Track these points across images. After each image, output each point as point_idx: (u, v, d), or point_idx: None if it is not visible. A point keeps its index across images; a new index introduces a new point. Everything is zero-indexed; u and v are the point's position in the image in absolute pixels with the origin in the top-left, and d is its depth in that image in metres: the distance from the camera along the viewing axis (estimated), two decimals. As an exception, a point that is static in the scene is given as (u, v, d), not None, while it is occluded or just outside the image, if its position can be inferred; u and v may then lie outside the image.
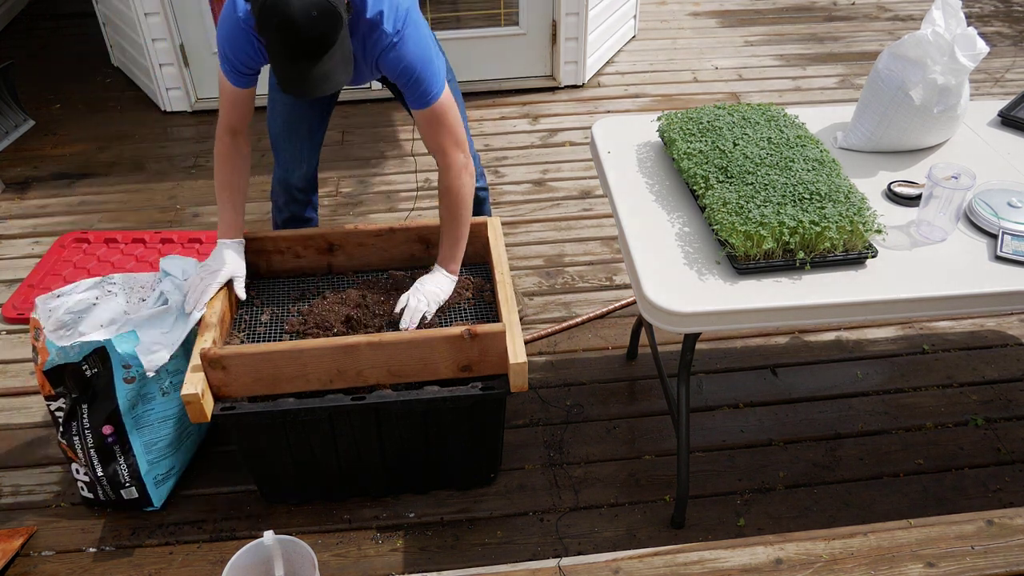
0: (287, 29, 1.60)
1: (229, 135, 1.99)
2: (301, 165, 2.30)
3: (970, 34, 1.88)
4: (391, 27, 1.80)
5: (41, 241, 3.16)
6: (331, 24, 1.62)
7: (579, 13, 3.93)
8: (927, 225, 1.76)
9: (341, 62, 1.70)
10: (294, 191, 2.34)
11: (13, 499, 2.16)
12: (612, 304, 2.77)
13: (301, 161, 2.29)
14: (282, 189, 2.35)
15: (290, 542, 1.77)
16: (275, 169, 2.34)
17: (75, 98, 4.23)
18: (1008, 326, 2.69)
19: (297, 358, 1.81)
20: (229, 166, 2.02)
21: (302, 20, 1.59)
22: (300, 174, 2.31)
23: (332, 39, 1.64)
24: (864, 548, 1.62)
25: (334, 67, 1.68)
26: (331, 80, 1.69)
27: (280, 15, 1.58)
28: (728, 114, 2.03)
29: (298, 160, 2.29)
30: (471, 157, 2.02)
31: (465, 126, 2.37)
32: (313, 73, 1.67)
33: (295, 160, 2.28)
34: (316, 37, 1.62)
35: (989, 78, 4.27)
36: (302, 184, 2.34)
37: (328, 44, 1.64)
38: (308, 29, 1.60)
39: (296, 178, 2.32)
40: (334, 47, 1.66)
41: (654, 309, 1.61)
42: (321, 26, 1.61)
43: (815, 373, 2.51)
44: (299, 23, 1.59)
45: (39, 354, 1.91)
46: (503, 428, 2.06)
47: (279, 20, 1.59)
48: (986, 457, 2.23)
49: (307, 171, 2.32)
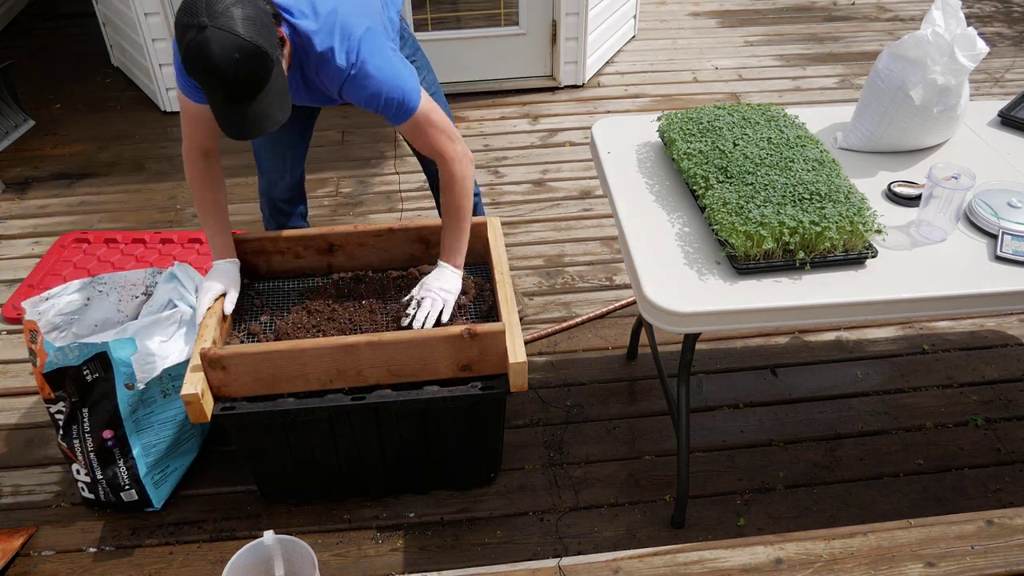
0: (211, 73, 1.55)
1: (202, 158, 1.94)
2: (284, 176, 2.28)
3: (970, 34, 1.88)
4: (344, 61, 1.75)
5: (41, 241, 3.16)
6: (256, 66, 1.56)
7: (579, 13, 3.93)
8: (927, 225, 1.76)
9: (276, 101, 1.64)
10: (278, 202, 2.32)
11: (13, 499, 2.16)
12: (612, 304, 2.77)
13: (284, 172, 2.27)
14: (266, 201, 2.34)
15: (290, 542, 1.77)
16: (259, 180, 2.32)
17: (75, 98, 4.23)
18: (1008, 326, 2.69)
19: (297, 358, 1.81)
20: (210, 190, 1.98)
21: (224, 65, 1.52)
22: (283, 185, 2.29)
23: (260, 81, 1.58)
24: (864, 548, 1.62)
25: (268, 107, 1.62)
26: (268, 120, 1.64)
27: (203, 59, 1.53)
28: (728, 114, 2.03)
29: (280, 171, 2.27)
30: (463, 143, 1.96)
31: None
32: (247, 115, 1.61)
33: (277, 171, 2.27)
34: (242, 80, 1.56)
35: (989, 78, 4.28)
36: (285, 195, 2.32)
37: (257, 86, 1.58)
38: (232, 73, 1.54)
39: (279, 190, 2.30)
40: (265, 88, 1.60)
41: (654, 309, 1.61)
42: (245, 69, 1.55)
43: (815, 373, 2.51)
44: (222, 68, 1.53)
45: (37, 356, 1.91)
46: (503, 428, 2.06)
47: (202, 64, 1.54)
48: (986, 457, 2.23)
49: (290, 182, 2.30)
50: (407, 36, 2.21)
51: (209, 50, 1.52)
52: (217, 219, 2.01)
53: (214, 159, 1.97)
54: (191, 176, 1.98)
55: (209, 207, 2.00)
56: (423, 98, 1.86)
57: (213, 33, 1.51)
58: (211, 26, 1.51)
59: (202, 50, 1.52)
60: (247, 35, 1.53)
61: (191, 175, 1.98)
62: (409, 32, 2.24)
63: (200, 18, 1.51)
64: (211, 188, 1.99)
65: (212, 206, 2.00)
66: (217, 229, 2.02)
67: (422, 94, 1.86)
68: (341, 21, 1.75)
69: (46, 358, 1.89)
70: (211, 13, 1.52)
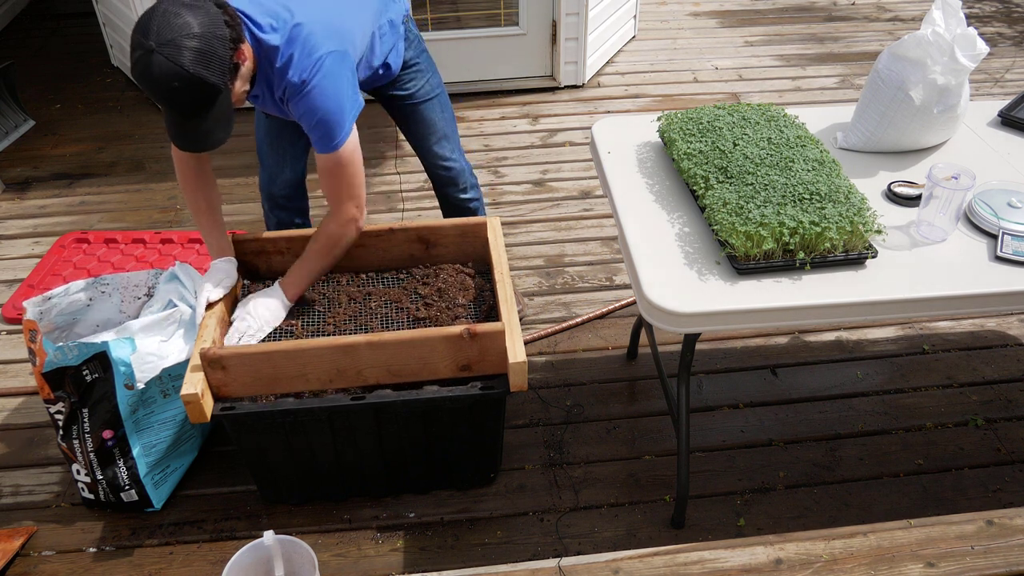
0: (152, 92, 1.61)
1: (192, 158, 1.96)
2: (284, 172, 2.28)
3: (970, 34, 1.88)
4: (296, 77, 1.78)
5: (41, 241, 3.16)
6: (195, 96, 1.61)
7: (579, 13, 3.93)
8: (927, 225, 1.76)
9: (219, 124, 1.69)
10: (278, 198, 2.33)
11: (13, 499, 2.16)
12: (612, 304, 2.77)
13: (284, 168, 2.28)
14: (266, 196, 2.34)
15: (290, 542, 1.77)
16: (260, 176, 2.32)
17: (75, 98, 4.23)
18: (1008, 326, 2.69)
19: (297, 358, 1.81)
20: (202, 190, 2.00)
21: (164, 90, 1.59)
22: (283, 181, 2.30)
23: (201, 107, 1.64)
24: (864, 548, 1.62)
25: (211, 127, 1.68)
26: (209, 138, 1.69)
27: (145, 80, 1.59)
28: (728, 114, 2.03)
29: (280, 166, 2.27)
30: (363, 211, 1.97)
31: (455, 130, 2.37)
32: (188, 131, 1.68)
33: (278, 166, 2.27)
34: (181, 104, 1.62)
35: (989, 78, 4.27)
36: (286, 191, 2.32)
37: (197, 111, 1.64)
38: (171, 98, 1.61)
39: (279, 185, 2.30)
40: (207, 113, 1.65)
41: (654, 309, 1.61)
42: (184, 97, 1.61)
43: (815, 373, 2.51)
44: (162, 91, 1.60)
45: (36, 356, 1.90)
46: (503, 428, 2.06)
47: (145, 84, 1.60)
48: (986, 457, 2.23)
49: (290, 178, 2.30)
50: (412, 38, 2.21)
51: (151, 73, 1.58)
52: (212, 219, 2.02)
53: (204, 160, 1.99)
54: (183, 177, 1.99)
55: (203, 207, 2.01)
56: (349, 144, 1.87)
57: (157, 59, 1.56)
58: (156, 51, 1.56)
59: (145, 72, 1.58)
60: (190, 67, 1.58)
61: (183, 176, 1.99)
62: (415, 34, 2.24)
63: (149, 40, 1.56)
64: (203, 188, 2.00)
65: (206, 205, 2.01)
66: (211, 229, 2.03)
67: (349, 140, 1.87)
68: (305, 38, 1.78)
69: (45, 357, 1.89)
70: (160, 40, 1.56)
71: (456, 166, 2.38)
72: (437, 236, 2.18)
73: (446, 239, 2.19)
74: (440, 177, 2.41)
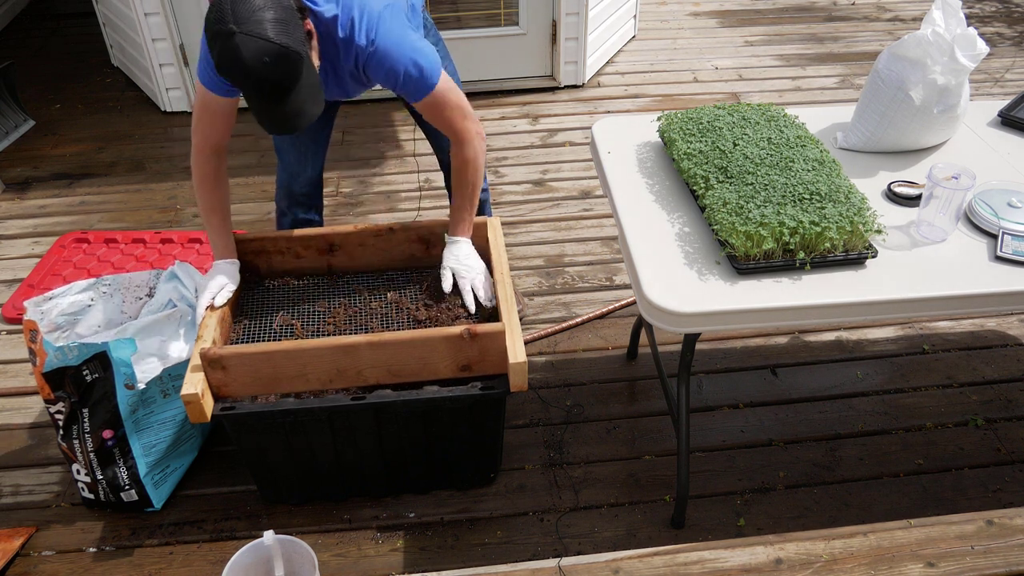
0: (245, 78, 1.59)
1: (214, 156, 1.96)
2: (305, 170, 2.29)
3: (970, 34, 1.88)
4: (364, 39, 1.79)
5: (41, 241, 3.16)
6: (287, 67, 1.60)
7: (579, 13, 3.93)
8: (927, 225, 1.76)
9: (309, 97, 1.68)
10: (298, 196, 2.33)
11: (13, 499, 2.16)
12: (612, 304, 2.77)
13: (305, 166, 2.28)
14: (285, 193, 2.34)
15: (290, 542, 1.77)
16: (279, 173, 2.32)
17: (75, 98, 4.23)
18: (1008, 326, 2.69)
19: (297, 358, 1.81)
20: (218, 190, 2.00)
21: (256, 68, 1.57)
22: (305, 178, 2.30)
23: (292, 80, 1.62)
24: (864, 548, 1.62)
25: (303, 103, 1.66)
26: (304, 115, 1.68)
27: (235, 65, 1.57)
28: (728, 114, 2.03)
29: (302, 164, 2.28)
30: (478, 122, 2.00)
31: None
32: (282, 113, 1.66)
33: (300, 164, 2.28)
34: (275, 82, 1.60)
35: (989, 78, 4.28)
36: (307, 188, 2.33)
37: (289, 86, 1.62)
38: (264, 76, 1.58)
39: (300, 182, 2.31)
40: (297, 86, 1.64)
41: (654, 309, 1.61)
42: (277, 71, 1.59)
43: (815, 373, 2.51)
44: (253, 72, 1.57)
45: (37, 356, 1.90)
46: (503, 428, 2.06)
47: (236, 70, 1.58)
48: (986, 457, 2.23)
49: (312, 175, 2.31)
50: (429, 26, 2.24)
51: (240, 56, 1.56)
52: (221, 219, 2.02)
53: (223, 158, 1.99)
54: (201, 175, 1.98)
55: (216, 207, 2.01)
56: (442, 77, 1.89)
57: (242, 40, 1.55)
58: (239, 32, 1.55)
59: (234, 56, 1.56)
60: (276, 38, 1.57)
61: (201, 174, 1.98)
62: (431, 22, 2.26)
63: (228, 24, 1.55)
64: (218, 188, 2.00)
65: (219, 205, 2.01)
66: (220, 230, 2.02)
67: (441, 73, 1.89)
68: (359, 2, 1.78)
69: (46, 358, 1.89)
70: (238, 19, 1.55)
71: None
72: (437, 236, 2.18)
73: (446, 239, 2.19)
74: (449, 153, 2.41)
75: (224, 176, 2.01)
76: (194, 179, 2.00)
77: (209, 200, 2.00)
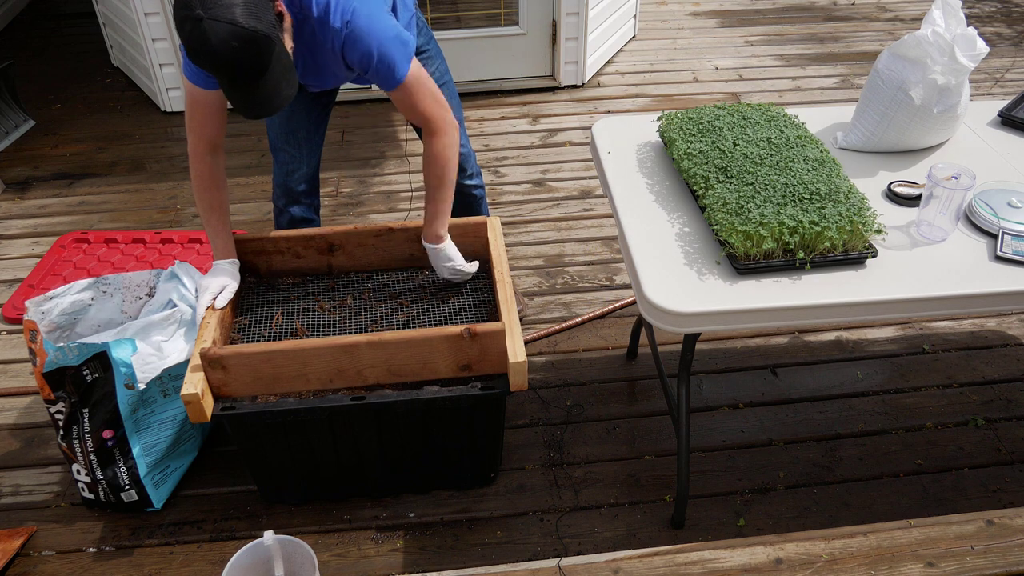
0: (214, 63, 1.58)
1: (210, 153, 1.95)
2: (301, 167, 2.28)
3: (970, 34, 1.88)
4: (339, 21, 1.78)
5: (41, 241, 3.16)
6: (256, 51, 1.58)
7: (579, 13, 3.93)
8: (927, 225, 1.76)
9: (283, 79, 1.67)
10: (295, 194, 2.32)
11: (13, 499, 2.16)
12: (612, 304, 2.77)
13: (301, 163, 2.28)
14: (282, 192, 2.34)
15: (290, 542, 1.77)
16: (275, 172, 2.32)
17: (75, 98, 4.23)
18: (1008, 326, 2.69)
19: (297, 357, 1.81)
20: (215, 189, 1.99)
21: (224, 53, 1.55)
22: (300, 175, 2.30)
23: (263, 64, 1.61)
24: (864, 548, 1.62)
25: (276, 85, 1.65)
26: (278, 97, 1.67)
27: (204, 50, 1.56)
28: (728, 114, 2.03)
29: (298, 162, 2.27)
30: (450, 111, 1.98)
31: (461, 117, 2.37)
32: (256, 97, 1.64)
33: (295, 162, 2.27)
34: (245, 65, 1.59)
35: (989, 78, 4.28)
36: (303, 187, 2.32)
37: (260, 70, 1.61)
38: (233, 60, 1.57)
39: (296, 180, 2.30)
40: (269, 69, 1.62)
41: (654, 309, 1.61)
42: (247, 55, 1.57)
43: (815, 373, 2.51)
44: (222, 56, 1.55)
45: (37, 356, 1.90)
46: (503, 428, 2.06)
47: (205, 55, 1.57)
48: (986, 457, 2.23)
49: (307, 173, 2.31)
50: (422, 25, 2.23)
51: (208, 41, 1.54)
52: (220, 219, 2.01)
53: (220, 156, 1.98)
54: (198, 174, 1.97)
55: (215, 206, 2.00)
56: (413, 64, 1.89)
57: (209, 25, 1.53)
58: (207, 17, 1.53)
59: (201, 41, 1.55)
60: (244, 22, 1.55)
61: (197, 173, 1.97)
62: (423, 21, 2.25)
63: (196, 10, 1.53)
64: (216, 187, 1.99)
65: (218, 205, 2.00)
66: (220, 229, 2.02)
67: (413, 60, 1.88)
68: None
69: (46, 358, 1.89)
70: (206, 4, 1.54)
71: (464, 151, 2.38)
72: (437, 236, 2.18)
73: (446, 239, 2.19)
74: None
75: (222, 175, 2.00)
76: (192, 178, 1.99)
77: (208, 200, 1.99)
